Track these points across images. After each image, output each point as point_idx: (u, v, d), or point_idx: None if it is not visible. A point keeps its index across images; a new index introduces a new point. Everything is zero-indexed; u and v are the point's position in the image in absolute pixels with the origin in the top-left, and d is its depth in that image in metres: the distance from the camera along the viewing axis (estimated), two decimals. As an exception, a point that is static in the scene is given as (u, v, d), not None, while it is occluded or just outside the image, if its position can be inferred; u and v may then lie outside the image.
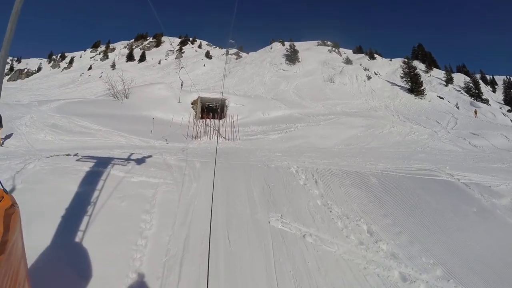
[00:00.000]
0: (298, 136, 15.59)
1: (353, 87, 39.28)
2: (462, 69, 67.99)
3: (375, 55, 59.06)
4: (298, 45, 58.89)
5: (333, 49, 60.39)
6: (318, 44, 66.57)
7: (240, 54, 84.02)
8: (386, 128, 20.52)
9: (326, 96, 34.32)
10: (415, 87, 37.33)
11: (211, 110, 29.59)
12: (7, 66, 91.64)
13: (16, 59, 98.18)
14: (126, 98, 22.52)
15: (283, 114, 24.10)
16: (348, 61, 48.59)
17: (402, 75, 41.46)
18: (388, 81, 43.80)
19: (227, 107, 25.55)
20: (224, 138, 14.40)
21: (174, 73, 53.85)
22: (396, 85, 41.31)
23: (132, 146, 10.98)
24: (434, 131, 20.42)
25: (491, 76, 69.96)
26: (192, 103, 25.16)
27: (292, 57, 49.44)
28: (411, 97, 35.84)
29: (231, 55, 75.51)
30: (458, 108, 33.07)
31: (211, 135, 14.64)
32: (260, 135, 15.81)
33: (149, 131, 13.94)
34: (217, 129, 14.62)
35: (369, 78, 42.06)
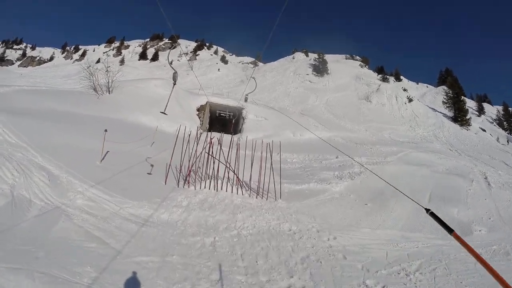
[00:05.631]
0: (381, 190, 8.62)
1: (393, 109, 32.70)
2: (483, 99, 61.21)
3: (401, 77, 52.81)
4: (325, 57, 52.65)
5: (364, 64, 53.94)
6: (347, 58, 60.25)
7: (257, 63, 78.46)
8: (475, 174, 14.18)
9: (365, 117, 27.76)
10: (459, 115, 32.57)
11: (222, 121, 23.21)
12: (20, 52, 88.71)
13: (30, 46, 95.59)
14: (109, 92, 16.30)
15: (321, 137, 17.50)
16: (384, 79, 41.91)
17: (444, 100, 37.28)
18: (428, 106, 38.08)
19: (244, 118, 19.06)
20: (248, 189, 7.15)
21: (185, 75, 48.10)
22: (436, 111, 36.00)
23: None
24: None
25: (512, 108, 62.90)
26: (198, 110, 18.81)
27: (320, 68, 43.03)
28: (456, 127, 30.40)
29: (248, 63, 70.07)
30: (499, 142, 27.68)
31: (219, 179, 7.29)
32: (310, 182, 8.84)
33: (110, 153, 7.40)
34: (234, 171, 6.96)
35: (410, 100, 35.53)
